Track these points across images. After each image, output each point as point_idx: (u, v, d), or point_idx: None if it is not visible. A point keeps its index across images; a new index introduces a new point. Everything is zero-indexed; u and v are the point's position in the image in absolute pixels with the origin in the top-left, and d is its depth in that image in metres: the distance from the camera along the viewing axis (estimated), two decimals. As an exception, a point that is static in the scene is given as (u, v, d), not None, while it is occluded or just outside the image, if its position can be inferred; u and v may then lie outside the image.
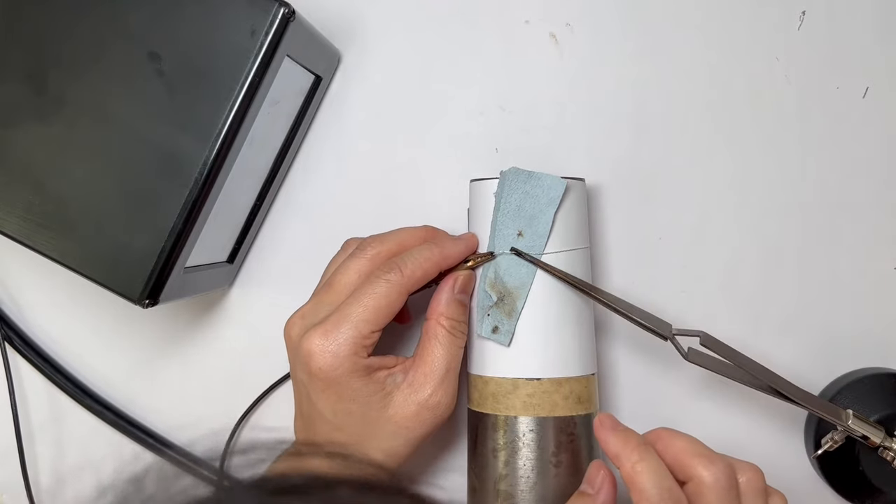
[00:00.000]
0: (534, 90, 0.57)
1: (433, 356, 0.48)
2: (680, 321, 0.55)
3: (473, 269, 0.50)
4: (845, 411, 0.50)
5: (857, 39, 0.56)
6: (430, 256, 0.48)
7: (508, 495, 0.48)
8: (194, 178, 0.45)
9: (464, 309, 0.49)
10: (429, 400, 0.47)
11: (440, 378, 0.48)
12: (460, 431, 0.57)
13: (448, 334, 0.48)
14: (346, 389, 0.47)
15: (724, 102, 0.56)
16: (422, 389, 0.48)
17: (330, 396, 0.47)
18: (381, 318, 0.47)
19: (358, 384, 0.47)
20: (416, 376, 0.48)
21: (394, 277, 0.47)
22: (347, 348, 0.46)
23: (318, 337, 0.46)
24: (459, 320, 0.49)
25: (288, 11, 0.45)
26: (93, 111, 0.46)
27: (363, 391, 0.47)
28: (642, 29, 0.56)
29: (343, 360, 0.46)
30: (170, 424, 0.59)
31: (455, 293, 0.49)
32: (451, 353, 0.48)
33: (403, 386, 0.48)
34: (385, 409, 0.47)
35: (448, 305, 0.48)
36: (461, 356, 0.49)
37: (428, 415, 0.48)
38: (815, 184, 0.57)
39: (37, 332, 0.59)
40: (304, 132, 0.57)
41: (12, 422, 0.57)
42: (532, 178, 0.49)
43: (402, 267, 0.47)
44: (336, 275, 0.49)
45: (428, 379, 0.48)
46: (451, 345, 0.48)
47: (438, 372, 0.48)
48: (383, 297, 0.46)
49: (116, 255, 0.46)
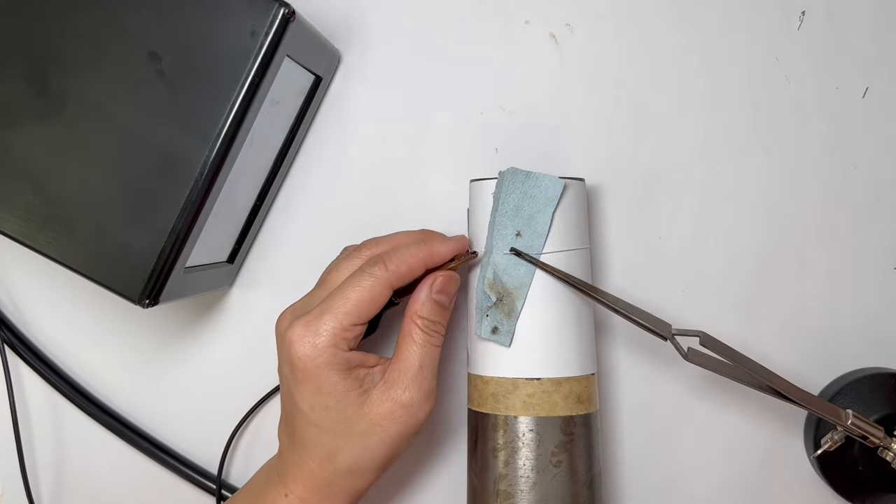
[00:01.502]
0: (534, 90, 0.57)
1: (407, 353, 0.48)
2: (680, 321, 0.55)
3: (455, 269, 0.50)
4: (845, 411, 0.50)
5: (857, 39, 0.56)
6: (415, 252, 0.48)
7: (508, 495, 0.48)
8: (194, 178, 0.45)
9: (441, 309, 0.49)
10: (401, 397, 0.47)
11: (413, 375, 0.48)
12: (460, 431, 0.57)
13: (422, 333, 0.48)
14: (325, 382, 0.47)
15: (724, 102, 0.56)
16: (395, 386, 0.48)
17: (308, 389, 0.47)
18: (364, 311, 0.47)
19: (336, 378, 0.47)
20: (391, 373, 0.48)
21: (378, 272, 0.47)
22: (327, 339, 0.46)
23: (300, 327, 0.46)
24: (435, 320, 0.49)
25: (288, 11, 0.45)
26: (93, 111, 0.46)
27: (340, 385, 0.47)
28: (642, 29, 0.56)
29: (322, 351, 0.46)
30: (170, 425, 0.59)
31: (433, 293, 0.49)
32: (425, 351, 0.48)
33: (380, 384, 0.48)
34: (361, 406, 0.47)
35: (424, 304, 0.48)
36: (437, 356, 0.49)
37: (402, 412, 0.47)
38: (815, 184, 0.57)
39: (36, 332, 0.59)
40: (304, 132, 0.57)
41: (11, 423, 0.57)
42: (530, 178, 0.49)
43: (386, 262, 0.47)
44: (329, 273, 0.50)
45: (401, 376, 0.48)
46: (425, 343, 0.48)
47: (412, 369, 0.48)
48: (367, 291, 0.47)
49: (116, 255, 0.46)
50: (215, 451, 0.58)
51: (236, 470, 0.59)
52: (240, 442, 0.58)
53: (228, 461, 0.58)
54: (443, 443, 0.57)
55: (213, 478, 0.58)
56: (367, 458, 0.48)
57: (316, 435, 0.48)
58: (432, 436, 0.57)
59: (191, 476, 0.58)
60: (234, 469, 0.59)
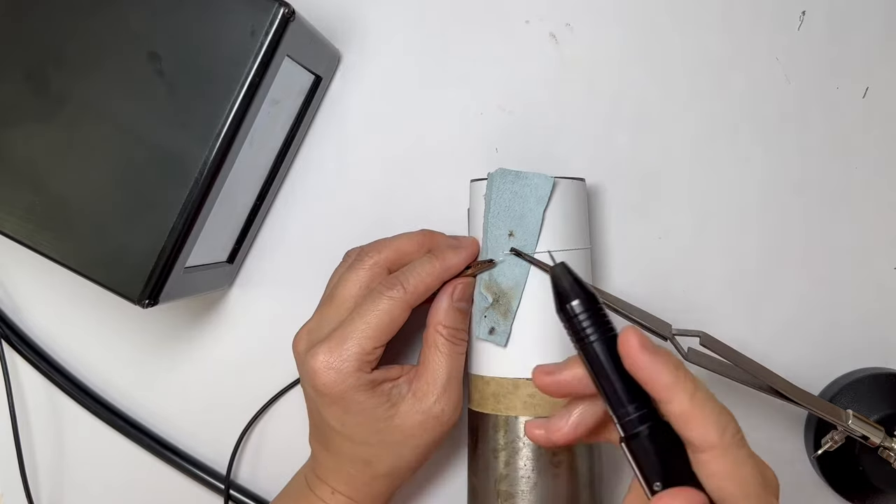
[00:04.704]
0: (534, 90, 0.57)
1: (434, 365, 0.48)
2: (680, 321, 0.55)
3: (473, 276, 0.50)
4: (845, 411, 0.50)
5: (857, 39, 0.56)
6: (431, 271, 0.48)
7: (509, 495, 0.48)
8: (194, 178, 0.45)
9: (463, 316, 0.49)
10: (433, 408, 0.48)
11: (443, 386, 0.48)
12: (460, 431, 0.57)
13: (447, 342, 0.49)
14: (352, 403, 0.47)
15: (724, 102, 0.56)
16: (425, 399, 0.48)
17: (336, 410, 0.48)
18: (384, 334, 0.47)
19: (363, 397, 0.47)
20: (420, 385, 0.48)
21: (397, 294, 0.47)
22: (351, 365, 0.47)
23: (322, 354, 0.47)
24: (459, 328, 0.49)
25: (288, 11, 0.45)
26: (93, 111, 0.46)
27: (368, 403, 0.47)
28: (642, 29, 0.56)
29: (347, 377, 0.47)
30: (170, 425, 0.59)
31: (454, 301, 0.49)
32: (452, 360, 0.49)
33: (408, 396, 0.48)
34: (391, 419, 0.48)
35: (447, 314, 0.49)
36: (463, 363, 0.50)
37: (433, 423, 0.48)
38: (815, 184, 0.57)
39: (36, 332, 0.59)
40: (304, 132, 0.57)
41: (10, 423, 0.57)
42: (519, 177, 0.49)
43: (404, 283, 0.48)
44: (337, 288, 0.50)
45: (431, 388, 0.48)
46: (451, 352, 0.49)
47: (440, 380, 0.48)
48: (386, 314, 0.47)
49: (116, 255, 0.46)
50: (216, 451, 0.58)
51: (243, 470, 0.59)
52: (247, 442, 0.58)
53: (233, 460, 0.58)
54: (444, 443, 0.57)
55: (220, 476, 0.58)
56: (402, 464, 0.49)
57: (350, 447, 0.49)
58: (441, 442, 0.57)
59: (198, 475, 0.58)
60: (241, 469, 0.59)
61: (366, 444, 0.48)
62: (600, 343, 0.37)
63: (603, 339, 0.37)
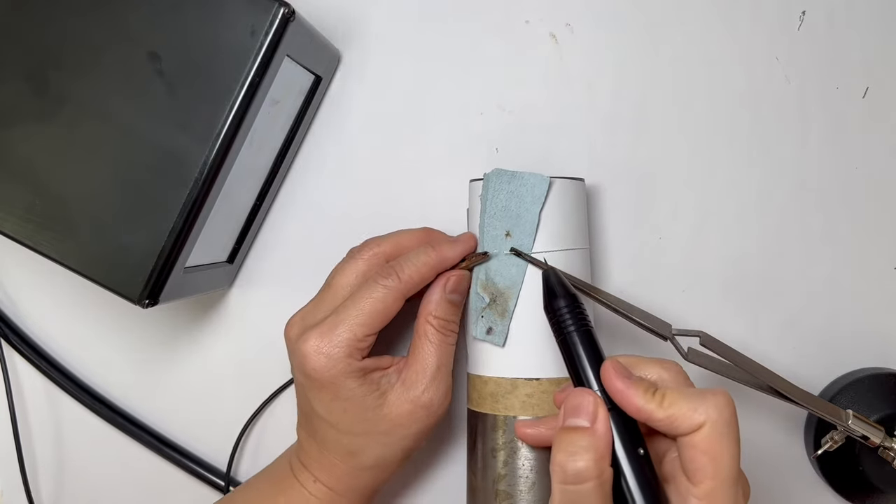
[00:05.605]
0: (534, 90, 0.57)
1: (424, 354, 0.49)
2: (680, 321, 0.55)
3: (468, 268, 0.50)
4: (845, 411, 0.50)
5: (857, 39, 0.56)
6: (427, 261, 0.48)
7: (508, 495, 0.48)
8: (194, 178, 0.45)
9: (455, 308, 0.49)
10: (421, 397, 0.48)
11: (432, 376, 0.48)
12: (460, 431, 0.57)
13: (437, 333, 0.49)
14: (341, 389, 0.47)
15: (724, 102, 0.56)
16: (414, 387, 0.48)
17: (324, 396, 0.48)
18: (377, 322, 0.47)
19: (352, 384, 0.47)
20: (409, 375, 0.48)
21: (391, 283, 0.47)
22: (342, 350, 0.47)
23: (313, 339, 0.47)
24: (449, 319, 0.49)
25: (288, 11, 0.45)
26: (93, 111, 0.46)
27: (358, 391, 0.47)
28: (642, 29, 0.56)
29: (337, 363, 0.47)
30: (170, 423, 0.59)
31: (446, 293, 0.49)
32: (442, 350, 0.49)
33: (397, 385, 0.48)
34: (380, 408, 0.48)
35: (438, 305, 0.49)
36: (452, 354, 0.50)
37: (422, 412, 0.48)
38: (814, 184, 0.57)
39: (36, 332, 0.59)
40: (304, 132, 0.57)
41: (10, 422, 0.57)
42: (515, 177, 0.49)
43: (399, 272, 0.48)
44: (334, 276, 0.50)
45: (420, 377, 0.48)
46: (441, 343, 0.49)
47: (430, 370, 0.48)
48: (380, 302, 0.47)
49: (116, 255, 0.46)
50: (216, 450, 0.58)
51: (243, 467, 0.59)
52: (247, 440, 0.58)
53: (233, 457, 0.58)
54: (443, 443, 0.57)
55: (221, 473, 0.58)
56: (388, 455, 0.49)
57: (335, 435, 0.48)
58: (432, 435, 0.57)
59: (198, 472, 0.58)
60: (241, 466, 0.59)
61: (351, 433, 0.48)
62: (574, 335, 0.43)
63: (578, 332, 0.43)
